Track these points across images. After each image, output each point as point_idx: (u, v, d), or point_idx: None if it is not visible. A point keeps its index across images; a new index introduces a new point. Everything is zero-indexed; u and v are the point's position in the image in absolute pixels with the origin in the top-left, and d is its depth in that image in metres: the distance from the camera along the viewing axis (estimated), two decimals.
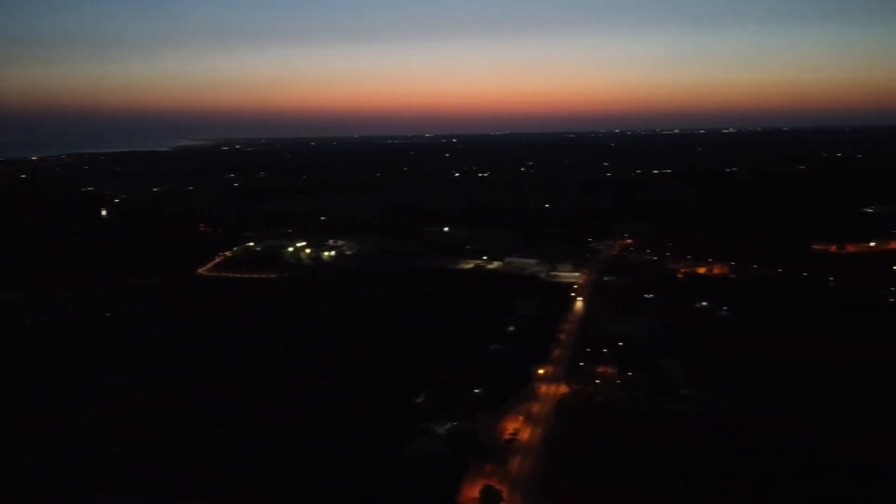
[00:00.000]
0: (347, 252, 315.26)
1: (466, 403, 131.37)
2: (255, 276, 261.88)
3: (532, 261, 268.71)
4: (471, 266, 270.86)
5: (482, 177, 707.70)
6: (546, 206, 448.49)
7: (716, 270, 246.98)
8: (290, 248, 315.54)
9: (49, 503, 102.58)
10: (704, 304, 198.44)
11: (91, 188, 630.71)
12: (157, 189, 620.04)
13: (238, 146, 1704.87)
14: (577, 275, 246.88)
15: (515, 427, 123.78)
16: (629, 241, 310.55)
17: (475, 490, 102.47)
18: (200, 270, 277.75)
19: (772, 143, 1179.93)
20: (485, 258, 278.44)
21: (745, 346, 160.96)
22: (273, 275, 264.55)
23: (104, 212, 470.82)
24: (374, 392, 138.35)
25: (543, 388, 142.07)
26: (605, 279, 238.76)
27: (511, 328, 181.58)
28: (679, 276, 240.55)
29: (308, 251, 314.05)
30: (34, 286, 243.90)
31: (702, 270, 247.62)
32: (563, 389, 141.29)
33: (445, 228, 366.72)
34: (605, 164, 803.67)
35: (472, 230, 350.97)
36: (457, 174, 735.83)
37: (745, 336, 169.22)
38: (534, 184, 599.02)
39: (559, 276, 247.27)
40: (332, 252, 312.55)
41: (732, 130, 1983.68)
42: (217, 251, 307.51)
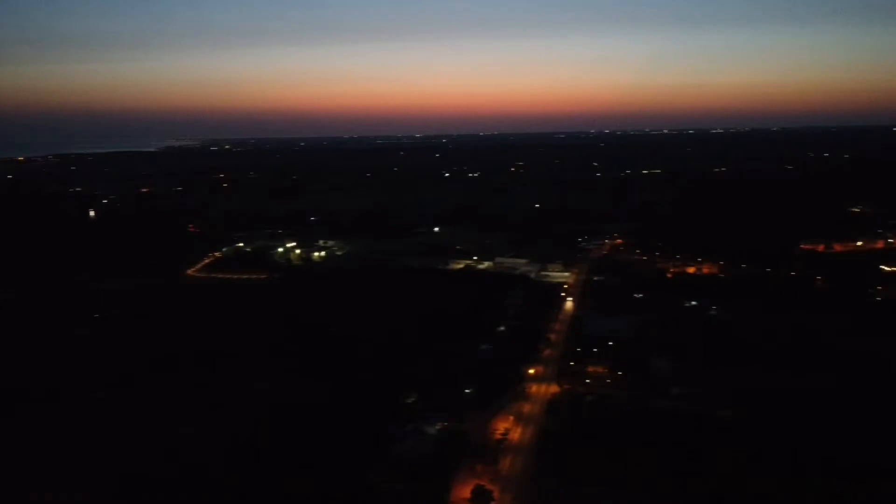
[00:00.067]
0: (338, 252, 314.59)
1: (457, 403, 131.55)
2: (245, 277, 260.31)
3: (522, 261, 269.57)
4: (461, 266, 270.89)
5: (472, 177, 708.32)
6: (536, 206, 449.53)
7: (705, 270, 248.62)
8: (281, 249, 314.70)
9: None
10: (694, 304, 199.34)
11: (79, 188, 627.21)
12: (146, 189, 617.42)
13: (227, 146, 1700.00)
14: (568, 274, 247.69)
15: (506, 427, 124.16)
16: (619, 241, 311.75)
17: (466, 490, 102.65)
18: (190, 271, 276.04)
19: (760, 143, 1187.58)
20: (475, 258, 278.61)
21: (735, 345, 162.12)
22: (263, 276, 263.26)
23: (92, 212, 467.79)
24: (364, 392, 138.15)
25: (534, 388, 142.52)
26: (595, 279, 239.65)
27: (501, 328, 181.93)
28: (668, 276, 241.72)
29: (298, 252, 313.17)
30: (21, 286, 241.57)
31: (691, 270, 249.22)
32: (554, 389, 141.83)
33: (436, 228, 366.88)
34: (595, 165, 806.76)
35: (463, 230, 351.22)
36: (447, 174, 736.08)
37: (734, 335, 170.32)
38: (524, 184, 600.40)
39: (549, 276, 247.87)
40: (323, 253, 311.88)
41: (721, 131, 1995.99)
42: (207, 252, 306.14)
